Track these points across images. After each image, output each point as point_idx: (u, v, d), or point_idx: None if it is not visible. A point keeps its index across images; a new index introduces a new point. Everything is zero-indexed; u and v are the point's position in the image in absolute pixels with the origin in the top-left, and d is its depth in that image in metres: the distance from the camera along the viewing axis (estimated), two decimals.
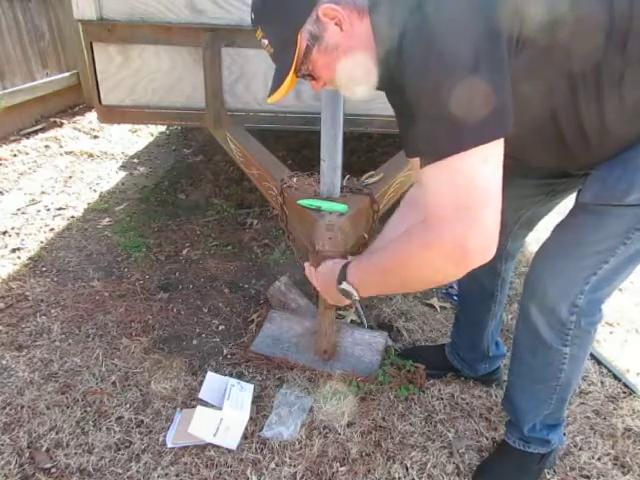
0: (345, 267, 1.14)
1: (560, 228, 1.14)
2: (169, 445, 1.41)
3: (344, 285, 1.12)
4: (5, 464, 1.34)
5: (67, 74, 4.52)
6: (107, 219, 2.70)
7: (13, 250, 2.37)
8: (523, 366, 1.28)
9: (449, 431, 1.49)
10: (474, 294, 1.54)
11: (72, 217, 2.73)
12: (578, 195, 1.09)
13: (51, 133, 4.03)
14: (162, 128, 4.33)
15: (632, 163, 0.98)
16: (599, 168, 1.03)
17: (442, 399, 1.60)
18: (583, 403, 1.61)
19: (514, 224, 1.37)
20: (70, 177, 3.27)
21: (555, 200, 1.33)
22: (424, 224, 0.89)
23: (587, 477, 1.38)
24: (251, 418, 1.48)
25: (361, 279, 1.11)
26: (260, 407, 1.54)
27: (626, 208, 1.00)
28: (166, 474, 1.33)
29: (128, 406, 1.53)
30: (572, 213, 1.11)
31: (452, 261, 0.87)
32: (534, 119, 0.96)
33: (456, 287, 2.12)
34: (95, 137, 4.09)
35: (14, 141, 3.77)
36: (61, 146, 3.81)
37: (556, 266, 1.11)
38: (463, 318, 1.63)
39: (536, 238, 1.46)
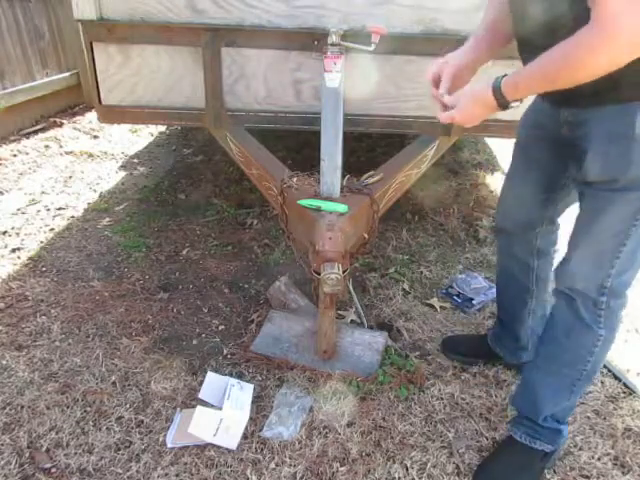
0: (497, 86, 1.07)
1: (579, 217, 1.20)
2: (169, 445, 1.41)
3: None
4: (5, 464, 1.34)
5: (67, 74, 4.52)
6: (107, 219, 2.70)
7: (13, 250, 2.37)
8: (555, 348, 1.31)
9: (449, 431, 1.49)
10: (510, 290, 1.61)
11: (72, 217, 2.73)
12: (580, 174, 1.15)
13: (51, 133, 4.03)
14: (162, 128, 4.33)
15: (625, 139, 1.05)
16: (592, 147, 1.09)
17: (442, 399, 1.60)
18: (583, 403, 1.61)
19: (540, 224, 1.44)
20: (70, 177, 3.27)
21: (569, 196, 1.38)
22: (595, 24, 0.89)
23: (587, 477, 1.38)
24: (251, 418, 1.48)
25: (519, 91, 1.06)
26: (260, 407, 1.54)
27: (631, 192, 1.07)
28: (166, 474, 1.34)
29: (128, 406, 1.53)
30: (584, 201, 1.18)
31: (629, 51, 0.89)
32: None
33: (456, 287, 2.12)
34: (95, 137, 4.08)
35: (14, 141, 3.76)
36: (61, 146, 3.81)
37: (581, 251, 1.18)
38: (502, 314, 1.69)
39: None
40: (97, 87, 2.03)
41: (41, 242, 2.46)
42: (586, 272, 1.18)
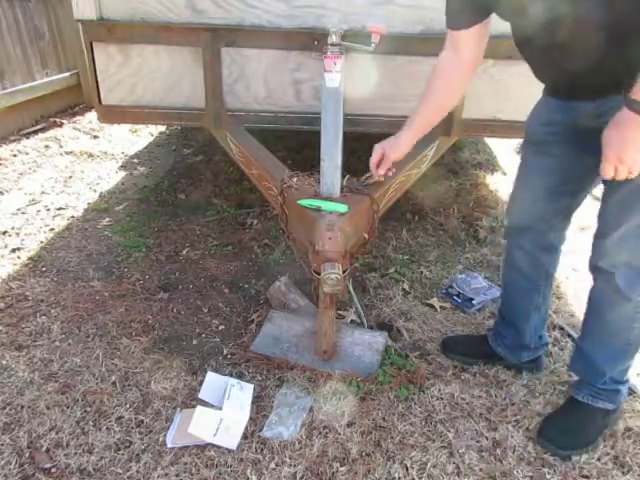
0: (628, 100, 1.02)
1: (615, 195, 1.22)
2: (169, 445, 1.41)
3: None
4: (5, 464, 1.34)
5: (67, 74, 4.52)
6: (107, 219, 2.70)
7: (13, 250, 2.37)
8: (600, 321, 1.39)
9: (449, 431, 1.49)
10: (518, 285, 1.62)
11: (72, 217, 2.73)
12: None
13: (51, 133, 4.03)
14: (162, 128, 4.33)
15: None
16: None
17: (442, 399, 1.60)
18: None
19: (555, 217, 1.47)
20: (70, 177, 3.27)
21: (587, 187, 1.41)
22: None
23: (587, 477, 1.38)
24: (251, 418, 1.48)
25: None
26: (260, 407, 1.54)
27: None
28: (166, 474, 1.33)
29: (128, 406, 1.53)
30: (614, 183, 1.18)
31: None
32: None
33: (456, 287, 2.12)
34: (95, 137, 4.09)
35: (14, 141, 3.77)
36: (61, 146, 3.81)
37: (627, 226, 1.21)
38: (507, 311, 1.70)
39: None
40: (97, 87, 2.03)
41: (41, 242, 2.46)
42: (632, 245, 1.24)
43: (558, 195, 1.42)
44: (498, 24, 1.28)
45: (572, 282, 2.22)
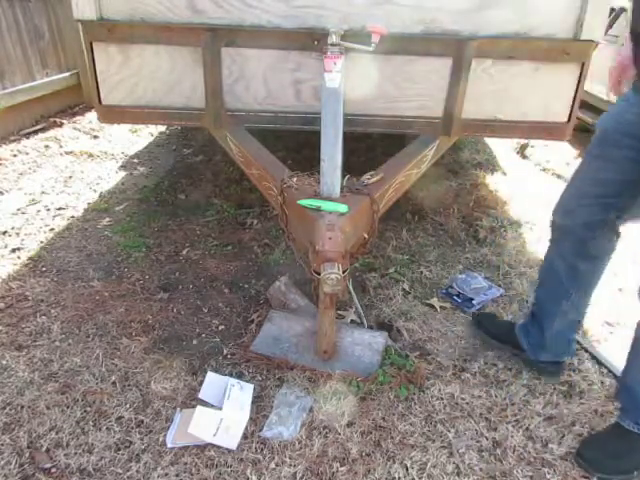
0: None
1: None
2: (169, 445, 1.41)
3: None
4: (5, 464, 1.34)
5: (67, 74, 4.52)
6: (107, 219, 2.70)
7: (13, 250, 2.37)
8: None
9: (449, 431, 1.49)
10: (549, 286, 1.62)
11: (72, 217, 2.73)
12: None
13: (51, 133, 4.03)
14: (162, 128, 4.33)
15: None
16: None
17: (442, 399, 1.60)
18: (583, 403, 1.61)
19: (599, 228, 1.42)
20: (70, 177, 3.27)
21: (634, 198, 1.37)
22: None
23: (587, 477, 1.38)
24: (251, 418, 1.48)
25: None
26: (260, 407, 1.54)
27: None
28: (166, 474, 1.34)
29: (128, 406, 1.53)
30: None
31: None
32: None
33: (456, 287, 2.12)
34: (95, 137, 4.08)
35: (14, 141, 3.76)
36: (61, 146, 3.81)
37: None
38: (535, 307, 1.70)
39: None
40: (97, 87, 2.03)
41: (41, 242, 2.46)
42: None
43: (607, 206, 1.38)
44: (498, 24, 1.28)
45: None
